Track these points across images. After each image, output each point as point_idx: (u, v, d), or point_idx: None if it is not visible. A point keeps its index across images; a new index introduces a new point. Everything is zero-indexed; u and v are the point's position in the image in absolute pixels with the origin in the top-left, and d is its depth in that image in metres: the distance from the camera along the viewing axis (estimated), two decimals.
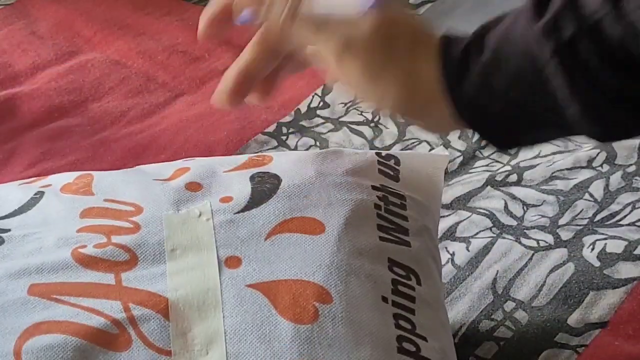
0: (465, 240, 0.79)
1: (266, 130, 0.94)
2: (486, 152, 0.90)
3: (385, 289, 0.61)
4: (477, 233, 0.79)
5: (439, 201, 0.69)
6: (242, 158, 0.69)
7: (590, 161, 0.86)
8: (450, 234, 0.80)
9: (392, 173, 0.67)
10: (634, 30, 0.50)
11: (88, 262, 0.59)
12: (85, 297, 0.57)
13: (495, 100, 0.55)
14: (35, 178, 0.71)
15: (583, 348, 0.69)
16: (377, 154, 0.68)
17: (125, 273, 0.59)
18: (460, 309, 0.72)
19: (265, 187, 0.64)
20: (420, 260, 0.64)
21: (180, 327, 0.57)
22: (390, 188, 0.65)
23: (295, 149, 0.91)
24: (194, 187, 0.65)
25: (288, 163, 0.67)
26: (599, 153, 0.86)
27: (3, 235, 0.62)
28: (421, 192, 0.67)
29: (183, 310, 0.58)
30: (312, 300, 0.58)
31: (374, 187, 0.65)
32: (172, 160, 0.89)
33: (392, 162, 0.68)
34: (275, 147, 0.92)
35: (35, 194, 0.66)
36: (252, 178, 0.65)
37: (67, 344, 0.55)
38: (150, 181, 0.66)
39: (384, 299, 0.60)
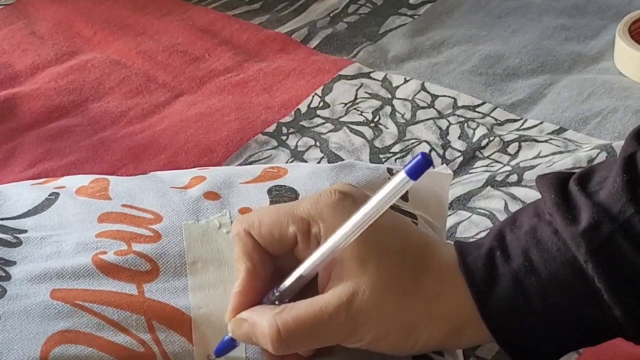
0: (466, 240, 0.79)
1: (266, 130, 0.94)
2: (486, 152, 0.90)
3: None
4: (477, 233, 0.79)
5: (445, 221, 0.70)
6: (257, 169, 0.69)
7: (590, 161, 0.86)
8: (451, 235, 0.79)
9: None
10: None
11: (109, 269, 0.59)
12: (109, 306, 0.57)
13: (531, 306, 0.54)
14: (46, 179, 0.71)
15: (583, 348, 0.69)
16: (389, 170, 0.68)
17: (148, 285, 0.59)
18: None
19: (283, 201, 0.64)
20: None
21: (203, 351, 0.57)
22: (402, 207, 0.65)
23: (295, 149, 0.91)
24: (212, 196, 0.65)
25: (303, 176, 0.67)
26: (599, 153, 0.86)
27: (20, 236, 0.62)
28: (430, 212, 0.67)
29: (206, 333, 0.58)
30: None
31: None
32: (172, 160, 0.90)
33: None
34: (275, 147, 0.92)
35: (50, 194, 0.66)
36: (269, 191, 0.65)
37: (94, 357, 0.55)
38: (167, 189, 0.66)
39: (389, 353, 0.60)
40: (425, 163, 0.50)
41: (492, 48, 1.06)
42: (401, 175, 0.51)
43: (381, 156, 0.90)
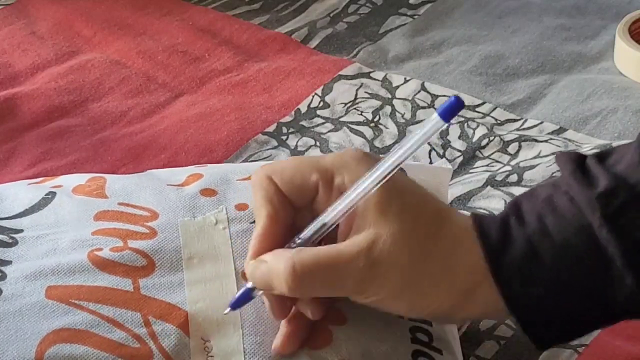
0: None
1: (266, 130, 0.94)
2: (486, 152, 0.90)
3: None
4: None
5: None
6: (254, 167, 0.69)
7: None
8: None
9: None
10: None
11: (105, 265, 0.59)
12: (105, 304, 0.57)
13: (543, 269, 0.54)
14: (44, 178, 0.71)
15: (583, 348, 0.69)
16: None
17: (143, 280, 0.59)
18: None
19: None
20: None
21: (200, 344, 0.57)
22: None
23: (295, 149, 0.91)
24: (208, 193, 0.65)
25: None
26: None
27: (16, 236, 0.62)
28: None
29: (202, 325, 0.58)
30: (326, 322, 0.59)
31: None
32: (172, 160, 0.90)
33: None
34: (275, 147, 0.92)
35: (47, 194, 0.66)
36: None
37: (90, 355, 0.55)
38: (164, 186, 0.66)
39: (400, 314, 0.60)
40: (457, 105, 0.51)
41: (492, 48, 1.06)
42: (434, 118, 0.51)
43: (381, 156, 0.90)
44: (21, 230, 0.63)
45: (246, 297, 0.57)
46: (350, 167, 0.56)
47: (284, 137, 0.93)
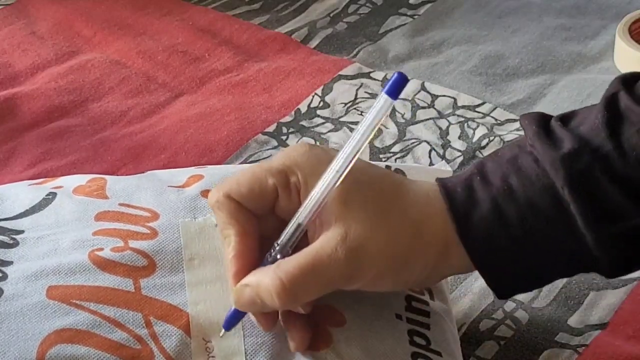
0: None
1: (266, 130, 0.94)
2: (486, 152, 0.90)
3: (399, 306, 0.61)
4: None
5: None
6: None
7: None
8: None
9: None
10: (638, 165, 0.53)
11: (106, 265, 0.59)
12: (106, 304, 0.57)
13: (508, 230, 0.55)
14: (44, 179, 0.71)
15: (583, 348, 0.69)
16: (387, 168, 0.68)
17: (144, 280, 0.59)
18: (461, 308, 0.72)
19: None
20: None
21: (201, 345, 0.57)
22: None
23: None
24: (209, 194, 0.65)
25: None
26: None
27: (17, 237, 0.62)
28: None
29: (203, 326, 0.58)
30: (325, 324, 0.59)
31: None
32: (172, 160, 0.90)
33: None
34: (275, 147, 0.92)
35: (47, 194, 0.66)
36: None
37: (91, 356, 0.55)
38: (165, 187, 0.66)
39: (398, 316, 0.60)
40: (402, 81, 0.52)
41: (492, 48, 1.06)
42: (382, 97, 0.53)
43: (381, 156, 0.90)
44: (22, 231, 0.63)
45: (237, 317, 0.58)
46: (300, 165, 0.57)
47: (284, 137, 0.93)
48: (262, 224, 0.59)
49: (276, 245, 0.57)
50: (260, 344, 0.58)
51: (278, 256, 0.56)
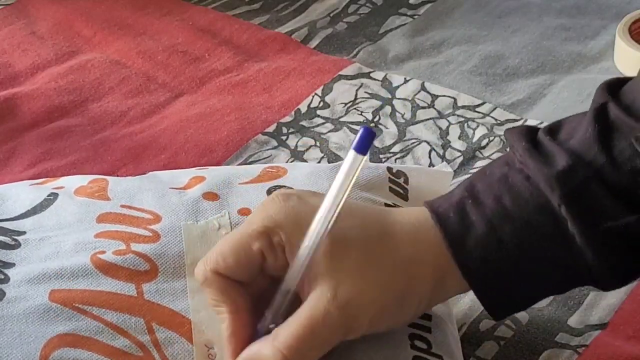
0: None
1: (266, 130, 0.94)
2: (486, 152, 0.90)
3: None
4: None
5: None
6: (256, 169, 0.69)
7: None
8: None
9: (402, 192, 0.67)
10: (632, 176, 0.52)
11: (108, 268, 0.59)
12: (108, 309, 0.57)
13: (505, 250, 0.54)
14: (45, 179, 0.71)
15: (583, 348, 0.69)
16: (389, 169, 0.68)
17: (147, 285, 0.59)
18: (461, 308, 0.72)
19: None
20: None
21: (204, 352, 0.57)
22: (401, 207, 0.65)
23: (295, 149, 0.91)
24: (211, 197, 0.65)
25: (303, 176, 0.67)
26: None
27: (19, 238, 0.62)
28: None
29: (206, 332, 0.58)
30: None
31: (386, 205, 0.65)
32: (172, 160, 0.90)
33: (401, 181, 0.68)
34: (275, 147, 0.92)
35: (49, 195, 0.66)
36: (268, 191, 0.65)
37: None
38: (166, 189, 0.66)
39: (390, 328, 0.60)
40: (368, 134, 0.51)
41: (492, 48, 1.06)
42: (351, 155, 0.52)
43: (381, 156, 0.90)
44: (24, 232, 0.62)
45: None
46: (281, 223, 0.55)
47: (284, 137, 0.93)
48: (251, 285, 0.58)
49: (268, 315, 0.56)
50: None
51: (271, 326, 0.56)
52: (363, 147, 0.51)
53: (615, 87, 0.56)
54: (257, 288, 0.58)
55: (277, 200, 0.57)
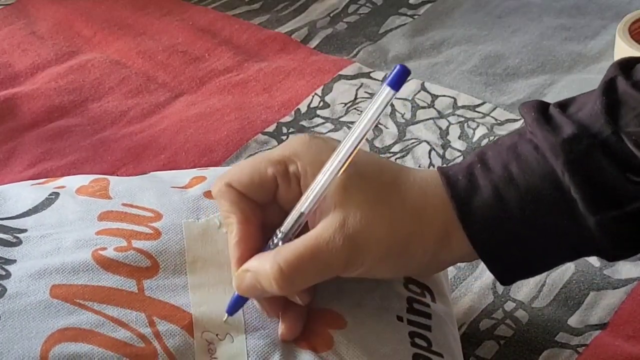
0: None
1: (266, 130, 0.94)
2: None
3: (400, 308, 0.61)
4: None
5: None
6: None
7: None
8: None
9: None
10: (637, 149, 0.53)
11: (109, 265, 0.59)
12: (109, 304, 0.57)
13: (509, 215, 0.55)
14: (46, 179, 0.71)
15: (583, 348, 0.69)
16: None
17: (147, 281, 0.59)
18: (461, 308, 0.72)
19: None
20: (434, 276, 0.65)
21: (204, 345, 0.57)
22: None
23: None
24: (212, 195, 0.65)
25: None
26: None
27: (20, 235, 0.62)
28: None
29: (206, 327, 0.58)
30: (326, 327, 0.59)
31: None
32: (172, 160, 0.90)
33: None
34: (275, 147, 0.91)
35: (50, 194, 0.66)
36: None
37: (94, 354, 0.55)
38: (167, 188, 0.66)
39: (399, 318, 0.60)
40: (404, 72, 0.54)
41: (492, 48, 1.06)
42: (385, 89, 0.53)
43: (381, 156, 0.90)
44: (25, 230, 0.63)
45: (240, 302, 0.58)
46: (299, 155, 0.57)
47: (283, 137, 0.93)
48: (264, 212, 0.59)
49: (278, 232, 0.57)
50: (262, 345, 0.58)
51: (280, 243, 0.57)
52: (397, 83, 0.54)
53: (627, 64, 0.57)
54: (270, 216, 0.59)
55: (303, 136, 0.59)
